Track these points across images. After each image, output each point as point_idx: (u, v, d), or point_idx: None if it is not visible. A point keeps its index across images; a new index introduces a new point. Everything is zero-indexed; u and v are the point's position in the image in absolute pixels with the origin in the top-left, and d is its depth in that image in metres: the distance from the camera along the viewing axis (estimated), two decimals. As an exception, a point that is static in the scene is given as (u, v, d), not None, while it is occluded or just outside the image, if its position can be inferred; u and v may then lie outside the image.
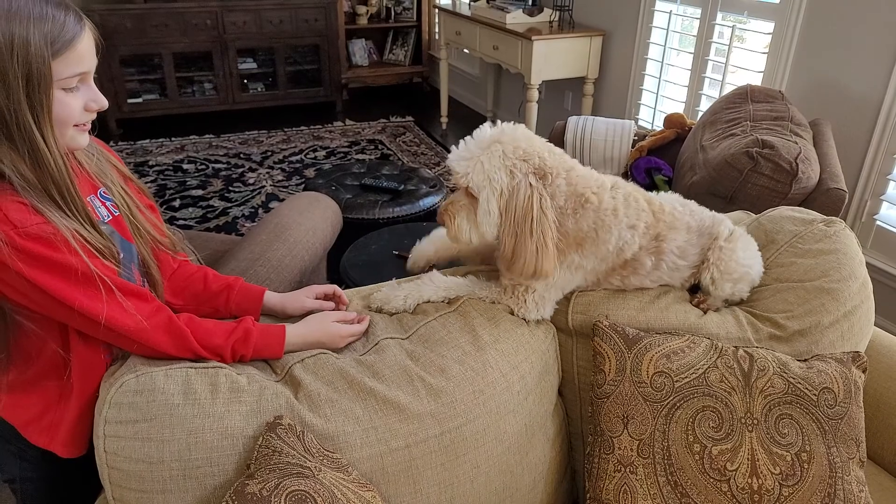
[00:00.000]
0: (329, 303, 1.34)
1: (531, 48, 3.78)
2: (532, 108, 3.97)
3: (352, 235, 2.40)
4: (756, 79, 3.01)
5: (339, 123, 5.40)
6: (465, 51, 4.99)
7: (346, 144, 4.95)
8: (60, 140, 0.99)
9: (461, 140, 1.27)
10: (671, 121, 2.92)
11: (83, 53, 0.97)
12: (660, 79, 3.61)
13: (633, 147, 2.92)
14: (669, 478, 1.20)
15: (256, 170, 4.43)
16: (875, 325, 1.51)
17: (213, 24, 5.04)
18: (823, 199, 2.01)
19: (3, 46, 0.89)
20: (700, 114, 3.00)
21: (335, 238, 2.16)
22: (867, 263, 1.47)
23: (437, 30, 5.76)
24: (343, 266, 2.23)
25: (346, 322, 1.27)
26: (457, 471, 1.18)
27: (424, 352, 1.23)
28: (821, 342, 1.35)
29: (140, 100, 5.07)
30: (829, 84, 2.72)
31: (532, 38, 3.76)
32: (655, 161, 2.77)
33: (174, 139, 4.92)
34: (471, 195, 1.25)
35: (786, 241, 1.46)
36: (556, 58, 3.90)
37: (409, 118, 5.56)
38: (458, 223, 1.27)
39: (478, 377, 1.21)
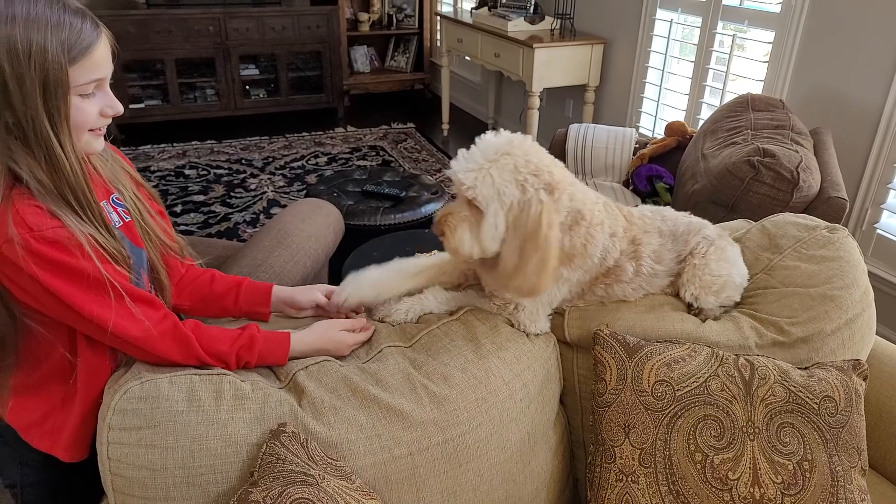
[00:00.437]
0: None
1: (532, 56, 3.80)
2: (533, 116, 3.98)
3: (353, 242, 2.41)
4: (756, 87, 3.03)
5: (341, 130, 5.41)
6: (467, 58, 5.00)
7: (348, 151, 4.96)
8: (77, 145, 1.00)
9: (463, 150, 1.21)
10: (672, 129, 2.93)
11: (99, 60, 0.99)
12: (660, 87, 3.62)
13: (635, 155, 2.92)
14: (671, 487, 1.20)
15: (258, 176, 4.44)
16: (876, 335, 1.51)
17: (216, 31, 5.06)
18: (824, 208, 2.01)
19: (21, 53, 0.90)
20: (701, 122, 3.01)
21: (337, 244, 2.16)
22: (868, 272, 1.47)
23: (439, 37, 5.79)
24: (345, 273, 2.23)
25: (352, 330, 1.27)
26: (460, 479, 1.18)
27: (427, 360, 1.23)
28: (822, 350, 1.35)
29: (142, 105, 5.08)
30: (830, 93, 2.73)
31: (533, 46, 3.77)
32: (657, 169, 2.78)
33: (176, 145, 4.93)
34: (473, 207, 1.19)
35: (790, 246, 1.47)
36: (558, 65, 3.91)
37: (411, 125, 5.57)
38: (460, 236, 1.20)
39: (480, 385, 1.22)
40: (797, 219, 1.55)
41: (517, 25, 4.06)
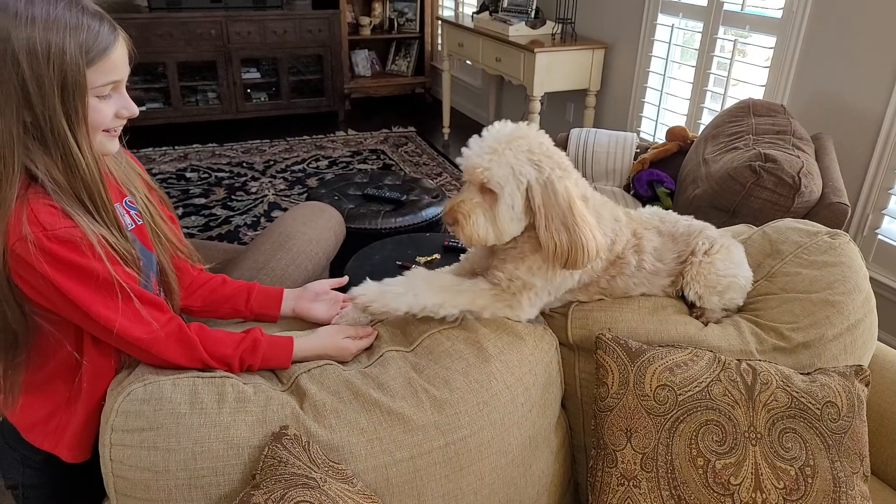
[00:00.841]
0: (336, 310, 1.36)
1: (533, 60, 3.81)
2: (534, 120, 3.98)
3: (354, 245, 2.41)
4: (758, 92, 3.03)
5: (342, 133, 5.41)
6: (468, 62, 5.01)
7: (349, 154, 4.97)
8: (93, 146, 1.01)
9: (475, 137, 1.22)
10: (673, 133, 2.93)
11: (116, 63, 0.99)
12: (662, 91, 3.63)
13: (636, 159, 2.93)
14: (673, 492, 1.20)
15: (259, 179, 4.44)
16: (878, 340, 1.51)
17: (218, 34, 5.07)
18: (826, 214, 2.02)
19: (40, 54, 0.91)
20: (702, 127, 3.02)
21: (338, 248, 2.16)
22: (869, 277, 1.47)
23: (440, 41, 5.79)
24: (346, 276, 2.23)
25: (357, 337, 1.28)
26: (461, 482, 1.18)
27: (429, 363, 1.23)
28: (824, 355, 1.35)
29: (144, 108, 5.09)
30: (831, 98, 2.74)
31: (534, 51, 3.78)
32: (658, 173, 2.78)
33: (177, 148, 4.93)
34: (486, 192, 1.19)
35: (791, 252, 1.47)
36: (559, 70, 3.92)
37: (412, 129, 5.58)
38: (475, 221, 1.19)
39: (482, 389, 1.21)
40: (798, 224, 1.55)
41: (518, 30, 4.07)
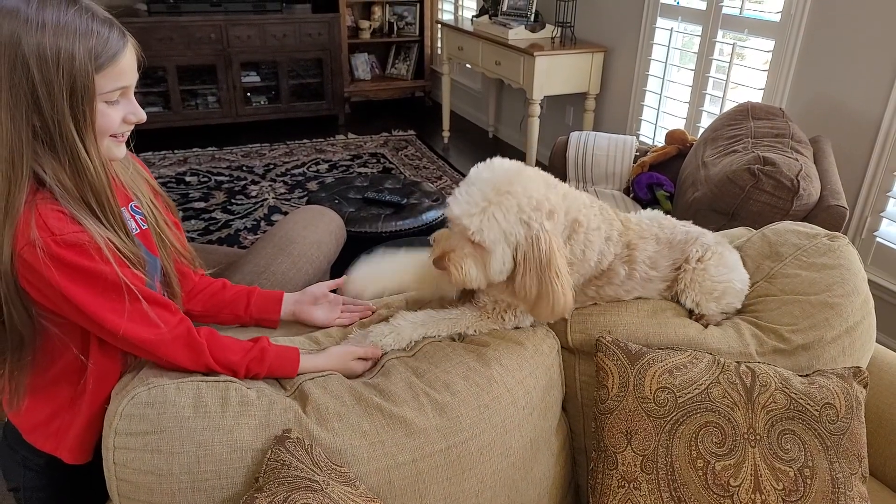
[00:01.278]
0: (338, 316, 1.37)
1: (533, 64, 3.82)
2: (533, 123, 4.00)
3: (355, 249, 2.41)
4: (756, 96, 3.04)
5: (342, 137, 5.42)
6: (468, 66, 5.02)
7: (349, 158, 4.98)
8: (101, 151, 1.01)
9: (460, 189, 1.19)
10: (672, 137, 2.94)
11: (125, 68, 1.00)
12: (661, 95, 3.64)
13: (635, 163, 2.94)
14: (673, 493, 1.20)
15: (259, 182, 4.45)
16: (876, 342, 1.52)
17: (218, 38, 5.08)
18: (824, 216, 2.02)
19: (50, 60, 0.92)
20: (701, 130, 3.03)
21: (339, 251, 2.17)
22: (868, 280, 1.48)
23: (440, 45, 5.81)
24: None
25: (366, 358, 1.27)
26: (463, 485, 1.19)
27: (430, 368, 1.24)
28: (822, 357, 1.36)
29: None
30: (829, 101, 2.75)
31: (534, 54, 3.79)
32: (657, 176, 2.79)
33: (177, 151, 4.94)
34: (476, 244, 1.19)
35: (790, 254, 1.48)
36: (558, 73, 3.93)
37: (411, 132, 5.59)
38: (467, 271, 1.20)
39: (483, 392, 1.22)
40: (797, 227, 1.56)
41: (518, 33, 4.08)
